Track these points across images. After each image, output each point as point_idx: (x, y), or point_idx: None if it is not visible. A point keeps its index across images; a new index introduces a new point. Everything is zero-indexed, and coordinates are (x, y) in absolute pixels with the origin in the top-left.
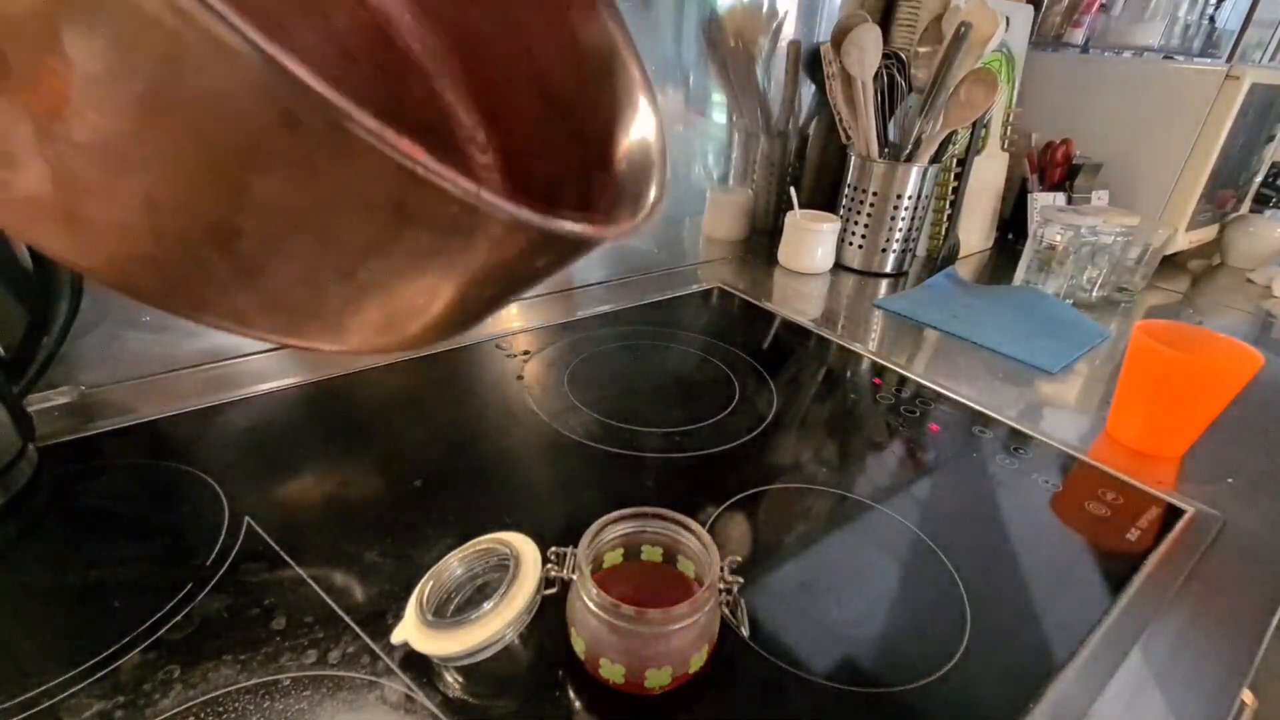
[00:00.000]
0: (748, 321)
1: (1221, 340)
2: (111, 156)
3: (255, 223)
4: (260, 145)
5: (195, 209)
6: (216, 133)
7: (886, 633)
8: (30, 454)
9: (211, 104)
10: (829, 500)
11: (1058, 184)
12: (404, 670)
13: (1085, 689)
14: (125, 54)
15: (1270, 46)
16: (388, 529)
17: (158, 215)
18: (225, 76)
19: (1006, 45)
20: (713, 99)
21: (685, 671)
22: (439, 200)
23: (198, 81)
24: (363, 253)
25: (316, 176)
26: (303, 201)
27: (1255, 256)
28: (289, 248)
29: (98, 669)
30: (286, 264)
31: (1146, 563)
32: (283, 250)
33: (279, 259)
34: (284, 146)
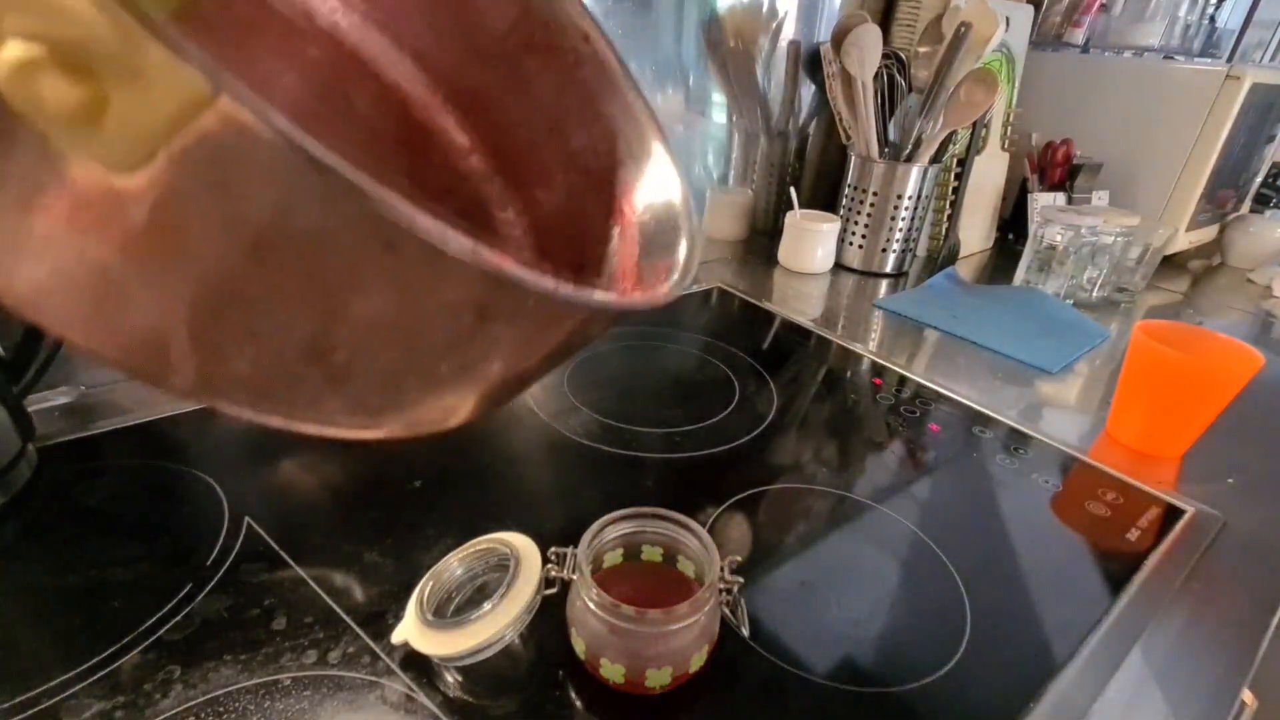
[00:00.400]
0: (748, 321)
1: (1221, 340)
2: (217, 292)
3: (348, 337)
4: (360, 270)
5: (295, 331)
6: (320, 264)
7: (886, 633)
8: (30, 454)
9: (317, 239)
10: (829, 500)
11: (1058, 184)
12: (404, 670)
13: (1085, 689)
14: (237, 204)
15: (1270, 46)
16: (388, 529)
17: (257, 339)
18: (333, 214)
19: (1006, 45)
20: (713, 99)
21: (685, 671)
22: (520, 297)
23: (306, 221)
24: (445, 351)
25: (410, 291)
26: (395, 314)
27: (1255, 256)
28: (378, 356)
29: (98, 669)
30: (374, 370)
31: (1146, 563)
32: (371, 358)
33: (367, 367)
34: (382, 268)
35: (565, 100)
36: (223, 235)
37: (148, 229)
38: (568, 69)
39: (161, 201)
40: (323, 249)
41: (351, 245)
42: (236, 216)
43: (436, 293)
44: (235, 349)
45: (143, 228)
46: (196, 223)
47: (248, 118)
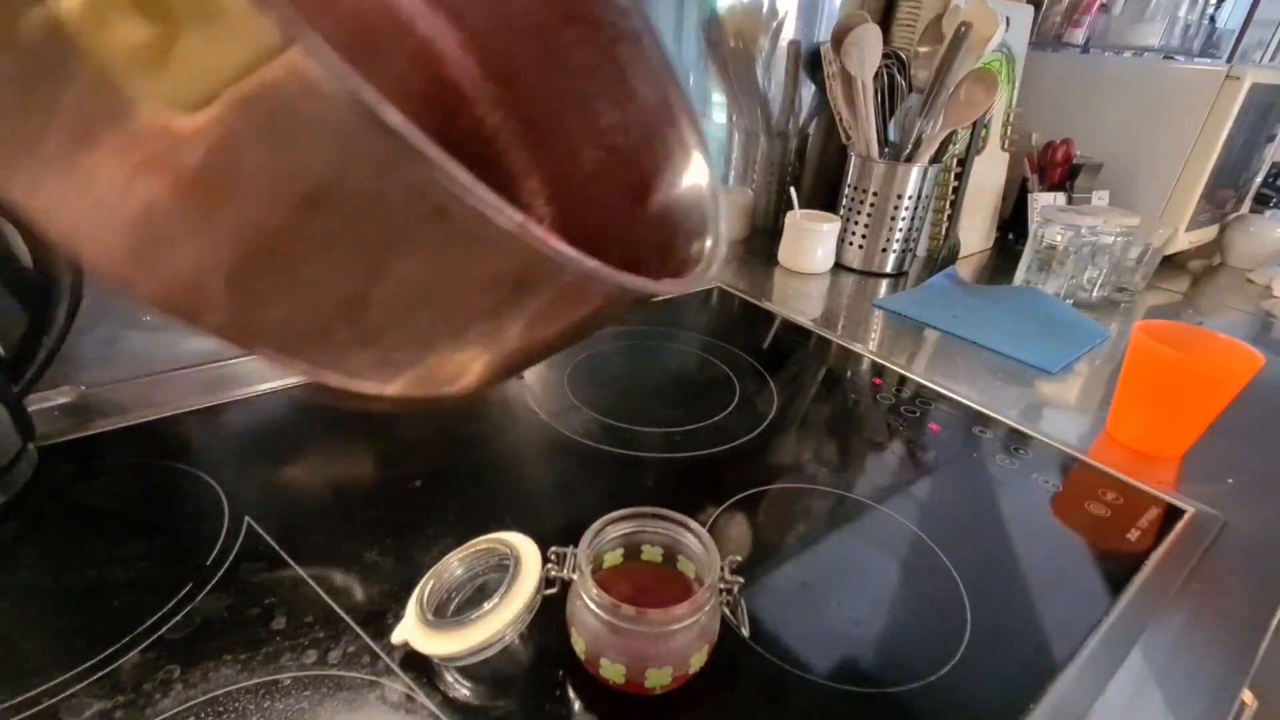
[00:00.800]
0: (748, 321)
1: (1221, 340)
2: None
3: (387, 297)
4: (407, 234)
5: (334, 287)
6: (368, 223)
7: (886, 633)
8: (30, 454)
9: (370, 199)
10: (829, 500)
11: (1058, 184)
12: (404, 670)
13: (1085, 689)
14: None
15: (1270, 46)
16: (388, 529)
17: (295, 290)
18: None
19: (1006, 45)
20: (713, 99)
21: (686, 671)
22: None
23: (362, 180)
24: (476, 317)
25: (453, 258)
26: (435, 278)
27: (1255, 256)
28: (411, 316)
29: (98, 669)
30: (404, 329)
31: (1147, 563)
32: (404, 318)
33: (399, 326)
34: (429, 234)
35: (599, 75)
36: (275, 186)
37: (200, 171)
38: (604, 44)
39: (217, 145)
40: (373, 209)
41: (403, 208)
42: (292, 169)
43: (479, 262)
44: (273, 298)
45: (195, 169)
46: (250, 170)
47: (317, 73)
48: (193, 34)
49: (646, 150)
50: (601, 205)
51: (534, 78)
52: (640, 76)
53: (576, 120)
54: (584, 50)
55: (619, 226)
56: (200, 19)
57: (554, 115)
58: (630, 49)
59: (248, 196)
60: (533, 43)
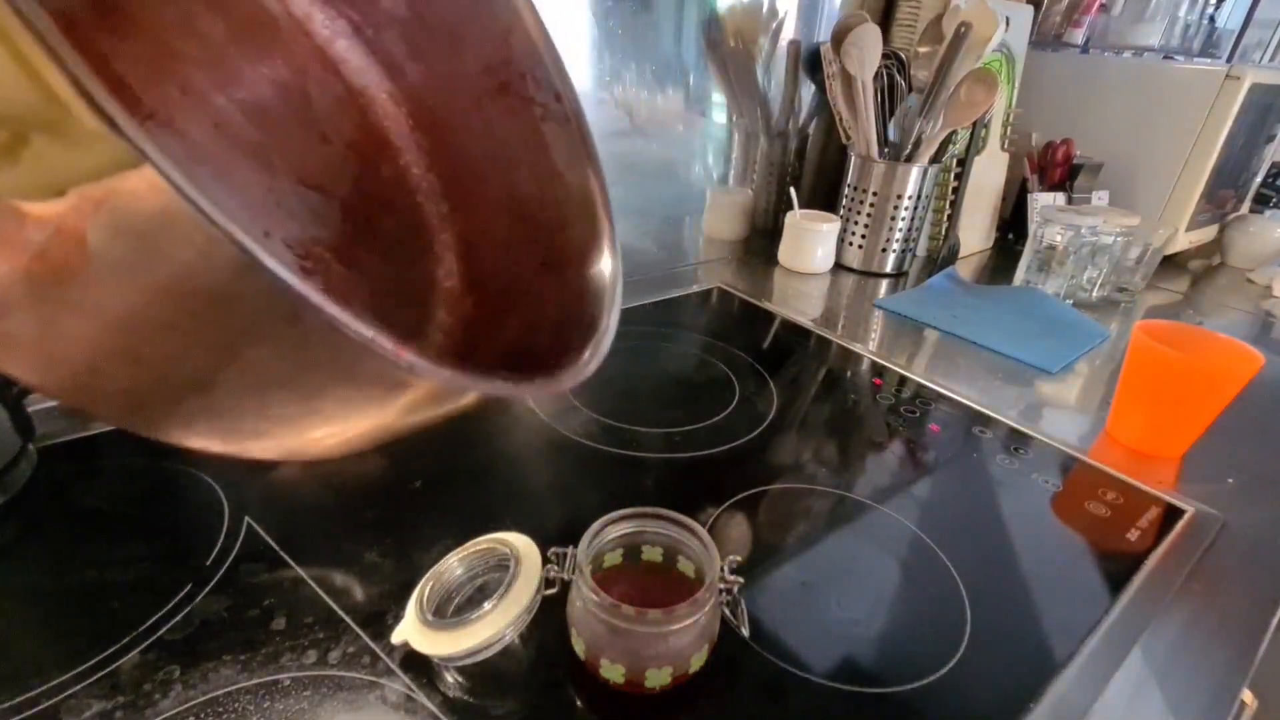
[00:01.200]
0: (748, 321)
1: (1221, 340)
2: (105, 321)
3: (233, 381)
4: (258, 329)
5: (178, 368)
6: (222, 317)
7: (886, 633)
8: (30, 454)
9: (221, 298)
10: (829, 500)
11: (1058, 184)
12: (404, 670)
13: (1085, 689)
14: (151, 256)
15: (1270, 46)
16: (388, 529)
17: (138, 367)
18: (243, 282)
19: (1006, 45)
20: (713, 99)
21: (685, 671)
22: (413, 379)
23: (212, 283)
24: (318, 399)
25: (306, 355)
26: (289, 369)
27: (1255, 256)
28: (255, 400)
29: (98, 669)
30: (248, 406)
31: (1146, 563)
32: (248, 397)
33: (243, 403)
34: (281, 332)
35: (524, 148)
36: (125, 275)
37: (48, 252)
38: (534, 120)
39: (67, 232)
40: (225, 305)
41: (254, 308)
42: (144, 262)
43: (334, 362)
44: (115, 367)
45: (43, 250)
46: (101, 258)
47: (169, 193)
48: (45, 140)
49: (559, 228)
50: (510, 270)
51: (461, 138)
52: (563, 158)
53: (497, 185)
54: (513, 121)
55: (523, 294)
56: (52, 130)
57: (476, 177)
58: (557, 130)
59: (95, 280)
60: (465, 105)
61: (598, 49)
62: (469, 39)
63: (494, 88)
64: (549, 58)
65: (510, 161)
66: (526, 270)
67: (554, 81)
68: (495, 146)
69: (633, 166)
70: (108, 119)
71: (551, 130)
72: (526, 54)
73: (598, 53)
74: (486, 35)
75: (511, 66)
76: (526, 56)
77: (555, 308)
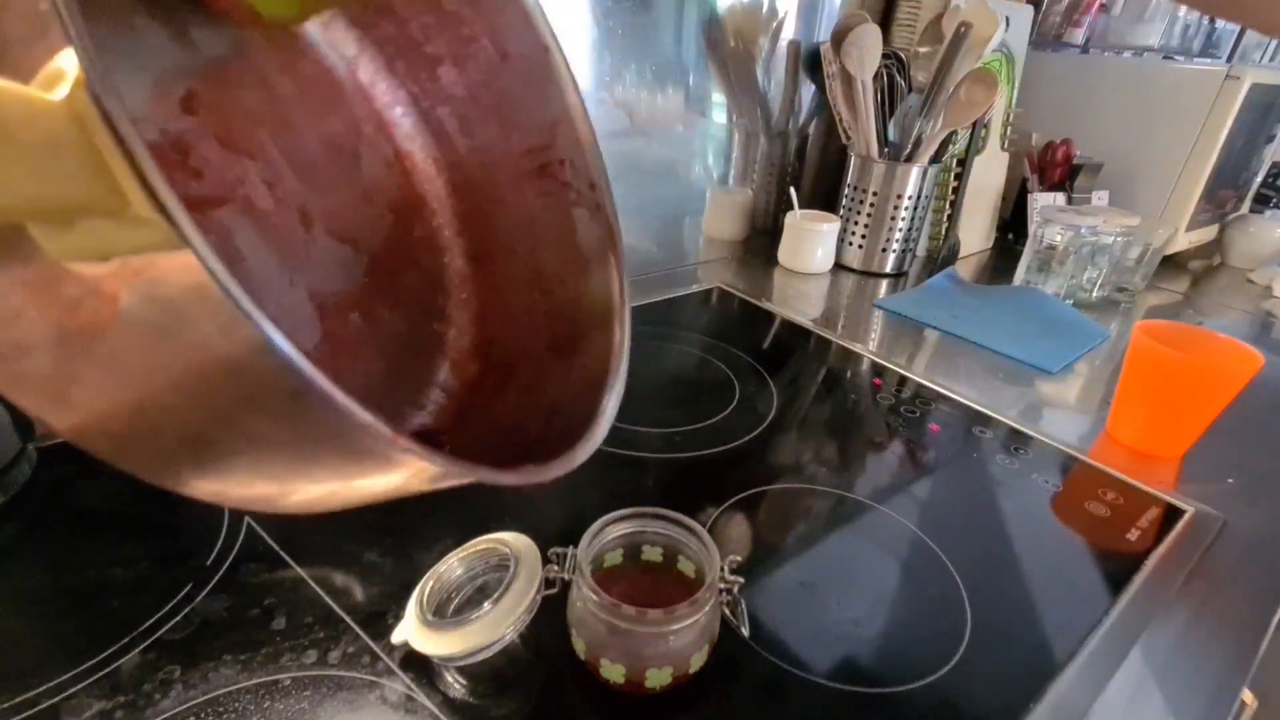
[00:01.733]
0: (748, 321)
1: (1221, 340)
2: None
3: (229, 440)
4: (260, 401)
5: (179, 422)
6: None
7: (886, 633)
8: (30, 454)
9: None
10: (829, 500)
11: (1058, 184)
12: (404, 670)
13: (1085, 689)
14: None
15: (1270, 46)
16: (388, 529)
17: (141, 417)
18: (256, 358)
19: (1006, 45)
20: (713, 99)
21: (686, 671)
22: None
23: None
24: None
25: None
26: (279, 435)
27: (1255, 256)
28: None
29: (98, 669)
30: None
31: (1147, 563)
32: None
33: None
34: (283, 406)
35: (553, 228)
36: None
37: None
38: (566, 204)
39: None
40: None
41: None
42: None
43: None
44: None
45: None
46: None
47: (204, 278)
48: (101, 219)
49: (574, 312)
50: (519, 344)
51: (495, 209)
52: (589, 244)
53: (522, 259)
54: (546, 202)
55: (526, 370)
56: (110, 214)
57: (504, 249)
58: (587, 216)
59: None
60: (504, 180)
61: (598, 49)
62: (518, 123)
63: (534, 169)
64: (589, 150)
65: (539, 239)
66: (534, 347)
67: (591, 171)
68: (526, 222)
69: (633, 166)
70: (167, 215)
71: (582, 216)
72: (569, 143)
73: (598, 53)
74: (534, 122)
75: (553, 152)
76: (569, 145)
77: (558, 387)
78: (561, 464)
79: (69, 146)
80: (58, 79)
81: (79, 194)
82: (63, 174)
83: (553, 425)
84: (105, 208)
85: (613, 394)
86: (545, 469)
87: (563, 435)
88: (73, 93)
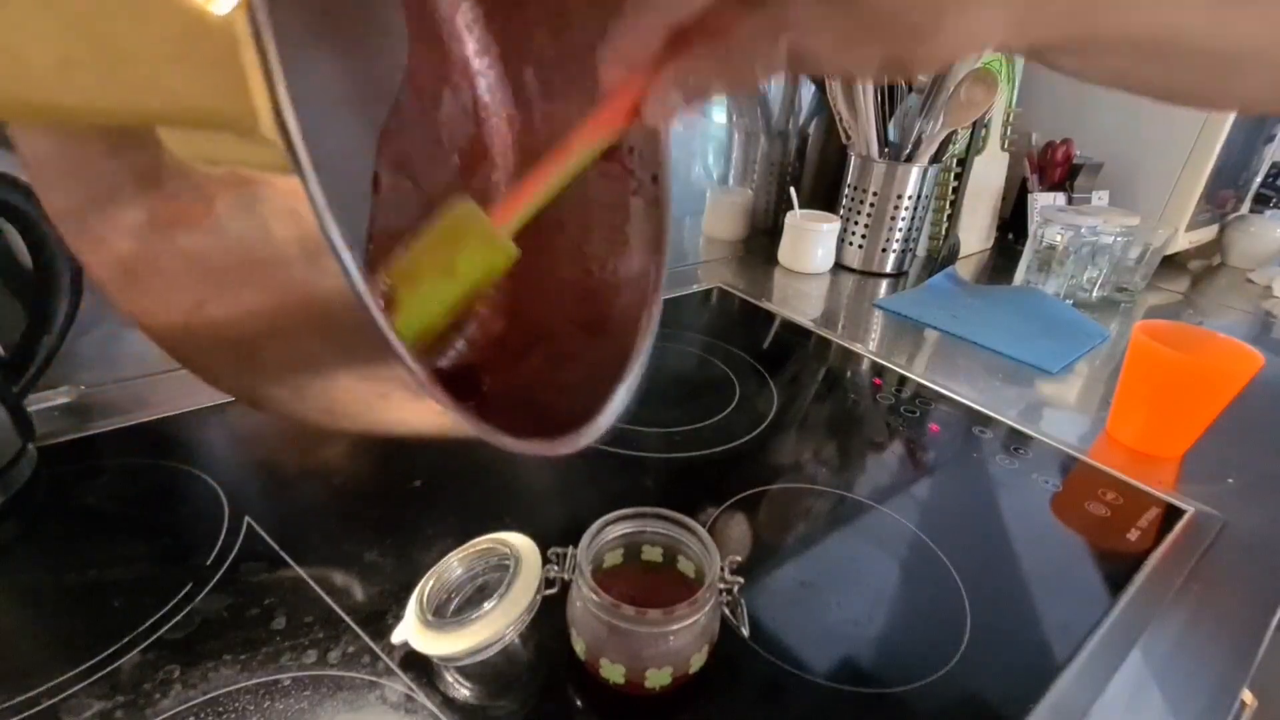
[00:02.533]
0: (748, 321)
1: (1221, 340)
2: (195, 270)
3: (282, 355)
4: (325, 329)
5: (235, 329)
6: (297, 308)
7: (886, 633)
8: (30, 454)
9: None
10: (829, 500)
11: (1058, 184)
12: (404, 670)
13: (1085, 689)
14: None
15: None
16: (388, 529)
17: (200, 314)
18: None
19: None
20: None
21: (686, 671)
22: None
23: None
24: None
25: (353, 361)
26: (329, 362)
27: (1255, 256)
28: (296, 375)
29: (98, 669)
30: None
31: (1147, 563)
32: (290, 374)
33: (284, 376)
34: (344, 340)
35: (606, 210)
36: (232, 244)
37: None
38: (626, 191)
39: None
40: (303, 304)
41: (328, 314)
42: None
43: (378, 378)
44: (182, 308)
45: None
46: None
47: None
48: (227, 128)
49: (609, 295)
50: (549, 316)
51: None
52: (638, 234)
53: (570, 234)
54: (607, 184)
55: (553, 340)
56: (237, 123)
57: (553, 218)
58: (643, 208)
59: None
60: None
61: None
62: (596, 99)
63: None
64: (660, 144)
65: (590, 219)
66: (564, 323)
67: (656, 164)
68: (582, 200)
69: None
70: (289, 141)
71: (638, 206)
72: (642, 132)
73: None
74: None
75: (624, 135)
76: (641, 134)
77: (573, 367)
78: (568, 442)
79: (221, 60)
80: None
81: (216, 104)
82: (208, 84)
83: (563, 403)
84: (236, 122)
85: (624, 385)
86: (552, 444)
87: (572, 415)
88: (233, 12)
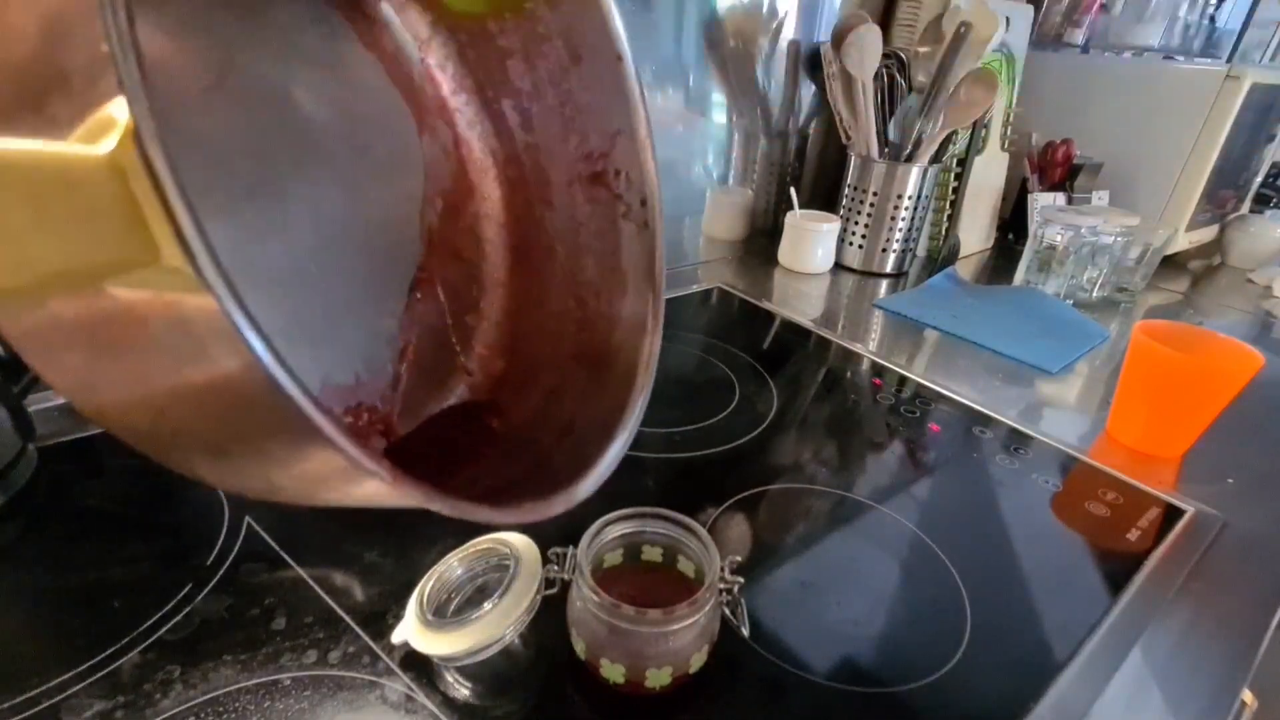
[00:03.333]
0: (748, 321)
1: (1221, 340)
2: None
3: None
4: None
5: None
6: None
7: (886, 633)
8: (30, 454)
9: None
10: (829, 500)
11: (1058, 184)
12: (404, 670)
13: (1085, 689)
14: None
15: (1270, 46)
16: (388, 529)
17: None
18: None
19: (1006, 45)
20: (713, 99)
21: (686, 671)
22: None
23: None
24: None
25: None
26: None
27: (1255, 256)
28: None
29: (98, 669)
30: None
31: (1147, 563)
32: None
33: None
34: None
35: (598, 237)
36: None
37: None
38: (615, 215)
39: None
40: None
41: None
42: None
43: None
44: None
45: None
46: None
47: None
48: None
49: (606, 326)
50: (547, 347)
51: (543, 209)
52: (631, 260)
53: (562, 262)
54: (595, 210)
55: (553, 374)
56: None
57: (544, 247)
58: (634, 231)
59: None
60: (556, 180)
61: None
62: (578, 127)
63: (587, 174)
64: (647, 167)
65: (581, 246)
66: (560, 354)
67: (645, 188)
68: (571, 227)
69: None
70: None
71: (628, 230)
72: (628, 156)
73: None
74: (596, 128)
75: (609, 161)
76: (627, 158)
77: (574, 402)
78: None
79: (108, 206)
80: (108, 126)
81: (114, 253)
82: (99, 236)
83: (565, 443)
84: (140, 260)
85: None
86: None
87: (573, 456)
88: (120, 143)
